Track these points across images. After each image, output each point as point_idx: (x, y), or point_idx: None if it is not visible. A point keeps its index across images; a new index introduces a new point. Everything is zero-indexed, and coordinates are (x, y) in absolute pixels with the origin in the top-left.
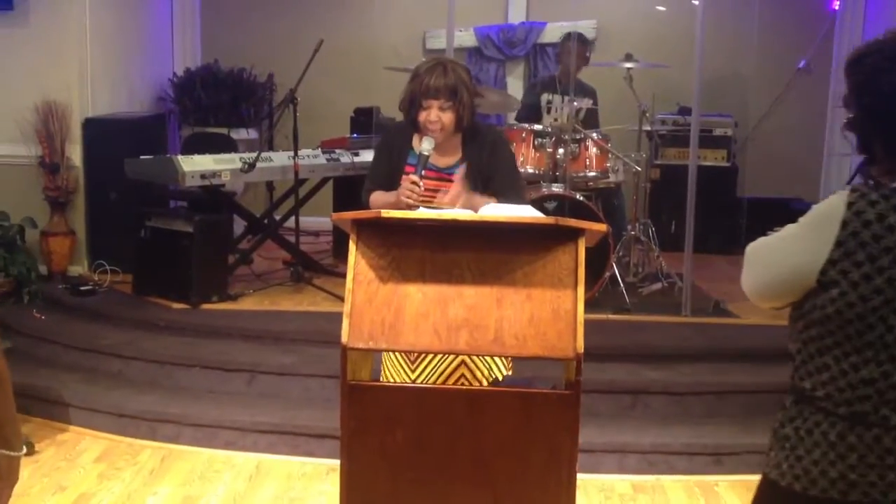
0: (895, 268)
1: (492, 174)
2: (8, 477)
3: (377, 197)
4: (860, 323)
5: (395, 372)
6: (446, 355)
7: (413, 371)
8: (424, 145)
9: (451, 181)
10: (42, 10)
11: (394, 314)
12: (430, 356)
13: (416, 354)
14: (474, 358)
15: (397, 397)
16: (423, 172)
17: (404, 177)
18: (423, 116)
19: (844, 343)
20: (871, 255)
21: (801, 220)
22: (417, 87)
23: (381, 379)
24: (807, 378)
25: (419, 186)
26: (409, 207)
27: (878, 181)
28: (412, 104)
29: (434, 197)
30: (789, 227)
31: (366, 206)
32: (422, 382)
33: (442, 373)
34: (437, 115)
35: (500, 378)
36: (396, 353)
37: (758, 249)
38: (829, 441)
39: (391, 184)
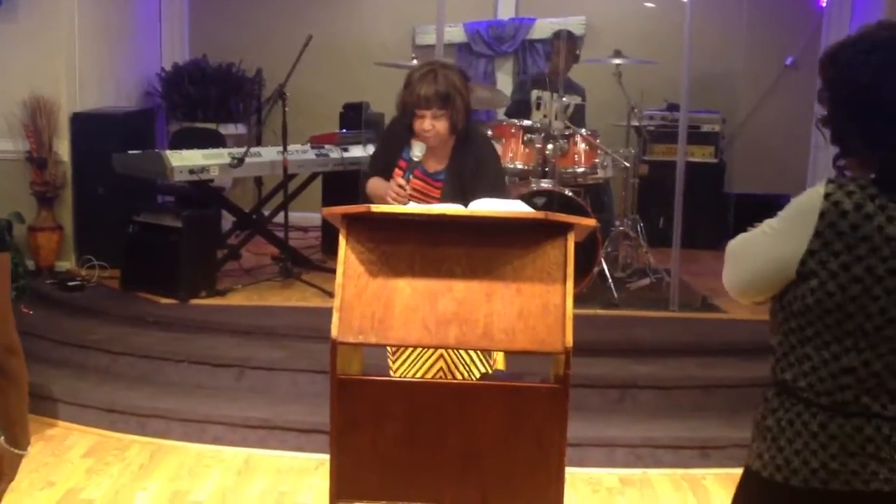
0: (873, 256)
1: (474, 190)
2: (7, 474)
3: (373, 183)
4: (839, 312)
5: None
6: (425, 351)
7: (393, 363)
8: (415, 150)
9: (436, 186)
10: (30, 5)
11: (383, 308)
12: (409, 352)
13: (394, 349)
14: (452, 355)
15: (387, 391)
16: (410, 177)
17: (394, 177)
18: (417, 125)
19: (824, 333)
20: (849, 244)
21: (780, 213)
22: (410, 98)
23: None
24: (788, 369)
25: (405, 190)
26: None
27: (851, 174)
28: (405, 112)
29: (421, 198)
30: (768, 222)
31: (364, 191)
32: (400, 377)
33: (420, 367)
34: (430, 123)
35: (478, 376)
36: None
37: (738, 245)
38: (810, 431)
39: (388, 173)
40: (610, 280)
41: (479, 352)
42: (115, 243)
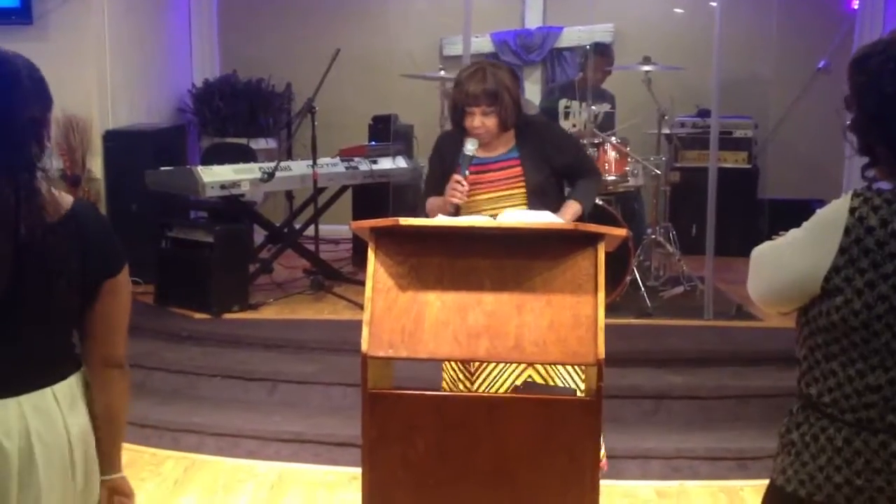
0: None
1: (565, 160)
2: (130, 494)
3: (432, 202)
4: (865, 331)
5: (451, 383)
6: (507, 367)
7: (472, 382)
8: (467, 146)
9: (498, 168)
10: (61, 23)
11: (413, 322)
12: (490, 368)
13: (475, 366)
14: (539, 369)
15: (418, 405)
16: (466, 172)
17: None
18: (468, 122)
19: (850, 350)
20: (875, 261)
21: (806, 224)
22: (459, 95)
23: (442, 389)
24: (813, 384)
25: (462, 185)
26: (458, 207)
27: (879, 185)
28: (456, 111)
29: (492, 186)
30: (794, 233)
31: (424, 214)
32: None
33: (504, 382)
34: (480, 120)
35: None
36: (454, 365)
37: (763, 255)
38: (834, 446)
39: (444, 186)
40: (643, 289)
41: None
42: (148, 259)
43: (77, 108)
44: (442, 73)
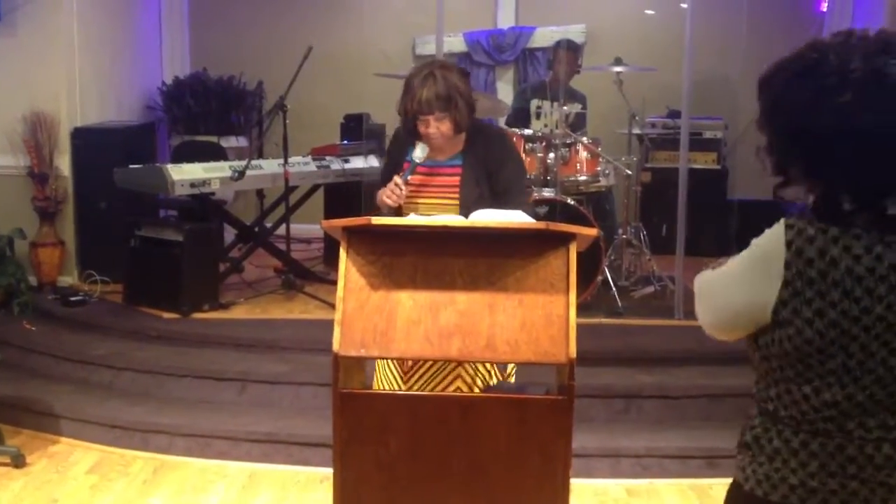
0: (846, 300)
1: (498, 168)
2: None
3: (379, 194)
4: (820, 355)
5: (386, 383)
6: (440, 368)
7: (405, 383)
8: (416, 152)
9: (442, 174)
10: (30, 20)
11: (385, 321)
12: (423, 369)
13: (409, 365)
14: (468, 372)
15: (390, 405)
16: (408, 177)
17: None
18: (422, 129)
19: (806, 372)
20: (821, 291)
21: (745, 255)
22: (410, 103)
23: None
24: (769, 402)
25: (400, 190)
26: (390, 209)
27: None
28: (408, 117)
29: (435, 190)
30: (734, 263)
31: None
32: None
33: (435, 387)
34: (434, 126)
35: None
36: (389, 364)
37: (706, 285)
38: (790, 448)
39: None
40: (614, 289)
41: (494, 367)
42: (117, 258)
43: (45, 105)
44: None
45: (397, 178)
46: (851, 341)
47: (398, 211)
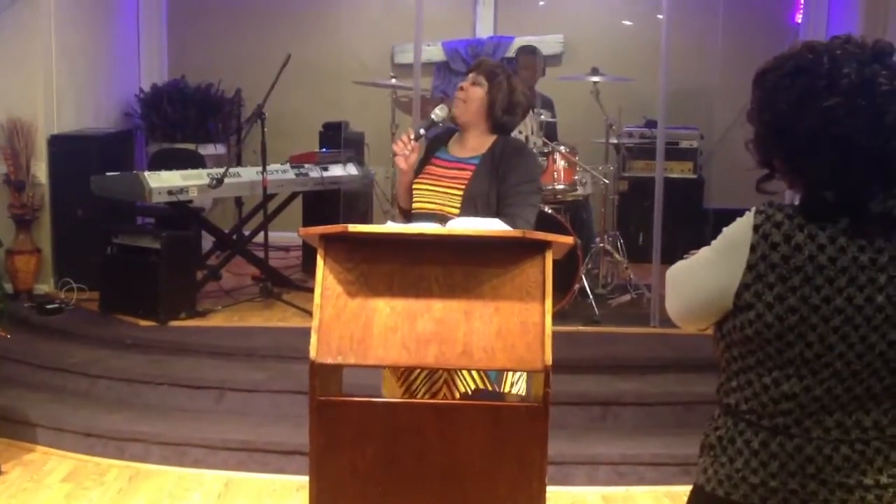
0: (807, 287)
1: (507, 171)
2: None
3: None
4: (779, 342)
5: (389, 389)
6: (429, 375)
7: (401, 386)
8: (436, 111)
9: (468, 169)
10: (7, 26)
11: (362, 329)
12: (413, 375)
13: (401, 371)
14: (463, 375)
15: (366, 412)
16: (421, 131)
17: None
18: (458, 92)
19: (766, 361)
20: (782, 275)
21: (714, 243)
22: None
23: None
24: (731, 394)
25: (407, 144)
26: (399, 163)
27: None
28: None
29: (448, 183)
30: (704, 252)
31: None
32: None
33: (428, 390)
34: (468, 87)
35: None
36: (387, 372)
37: (676, 274)
38: (751, 449)
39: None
40: (591, 297)
41: (483, 374)
42: (93, 266)
43: (22, 111)
44: (393, 80)
45: (410, 130)
46: (810, 330)
47: (410, 197)
